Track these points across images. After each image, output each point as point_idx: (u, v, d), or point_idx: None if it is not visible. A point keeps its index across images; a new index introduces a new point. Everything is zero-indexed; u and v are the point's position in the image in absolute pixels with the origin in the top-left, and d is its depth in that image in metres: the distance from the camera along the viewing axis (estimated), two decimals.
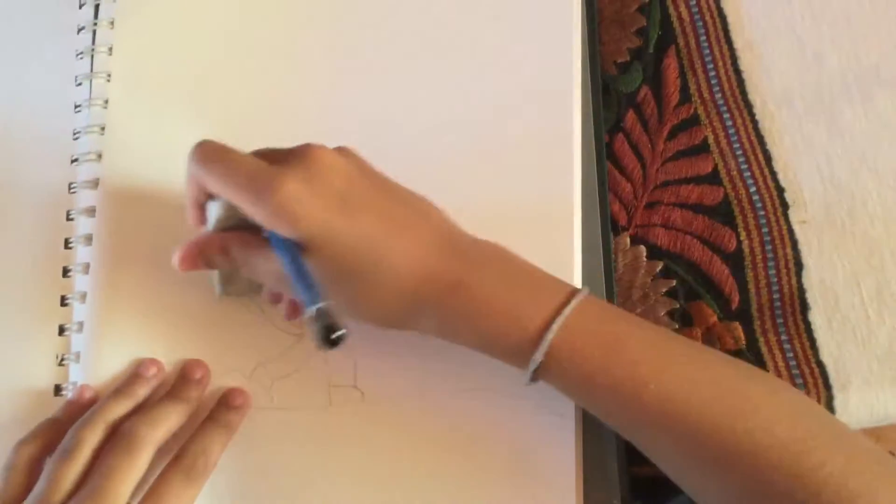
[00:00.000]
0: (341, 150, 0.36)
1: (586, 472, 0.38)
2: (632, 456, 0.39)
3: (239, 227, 0.36)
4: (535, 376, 0.34)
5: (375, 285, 0.34)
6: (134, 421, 0.38)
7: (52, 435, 0.38)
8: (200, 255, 0.37)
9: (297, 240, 0.33)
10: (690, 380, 0.33)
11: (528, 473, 0.37)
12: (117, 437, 0.37)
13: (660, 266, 0.43)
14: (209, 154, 0.35)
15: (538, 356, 0.33)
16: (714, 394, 0.32)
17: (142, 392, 0.40)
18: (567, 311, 0.33)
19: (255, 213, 0.33)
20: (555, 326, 0.33)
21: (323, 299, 0.31)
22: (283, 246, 0.33)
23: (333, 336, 0.30)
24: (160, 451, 0.37)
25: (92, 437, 0.37)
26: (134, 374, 0.41)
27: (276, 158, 0.34)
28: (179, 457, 0.38)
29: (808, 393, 0.39)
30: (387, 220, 0.34)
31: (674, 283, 0.42)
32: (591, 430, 0.38)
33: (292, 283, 0.32)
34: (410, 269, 0.34)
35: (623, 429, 0.35)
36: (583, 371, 0.33)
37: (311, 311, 0.31)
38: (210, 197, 0.36)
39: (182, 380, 0.40)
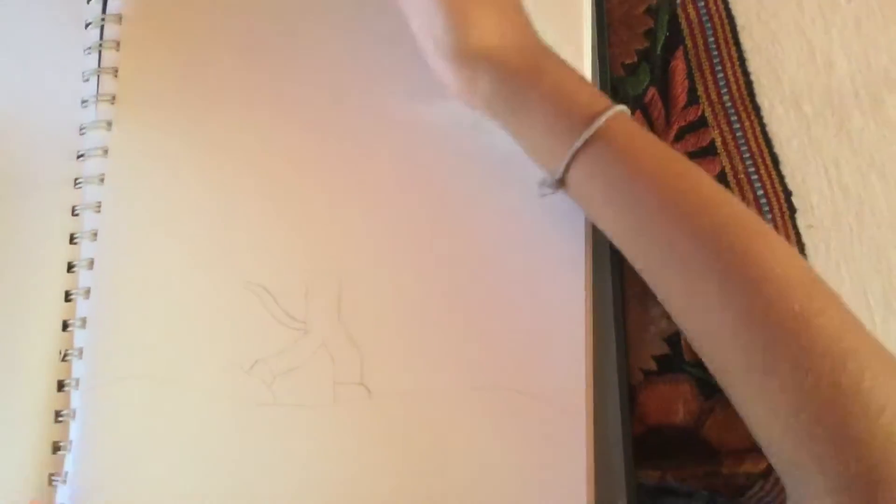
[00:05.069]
0: None
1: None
2: (637, 460, 0.39)
3: None
4: (573, 161, 0.36)
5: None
6: None
7: None
8: None
9: None
10: (721, 191, 0.35)
11: (537, 472, 0.37)
12: None
13: None
14: None
15: (594, 125, 0.35)
16: (735, 210, 0.34)
17: None
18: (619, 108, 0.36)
19: None
20: (609, 112, 0.35)
21: None
22: None
23: None
24: None
25: None
26: None
27: None
28: None
29: None
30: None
31: None
32: (599, 430, 0.38)
33: None
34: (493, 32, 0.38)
35: (642, 237, 0.36)
36: (629, 154, 0.35)
37: None
38: None
39: None
